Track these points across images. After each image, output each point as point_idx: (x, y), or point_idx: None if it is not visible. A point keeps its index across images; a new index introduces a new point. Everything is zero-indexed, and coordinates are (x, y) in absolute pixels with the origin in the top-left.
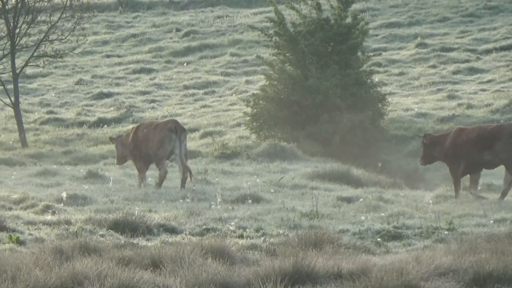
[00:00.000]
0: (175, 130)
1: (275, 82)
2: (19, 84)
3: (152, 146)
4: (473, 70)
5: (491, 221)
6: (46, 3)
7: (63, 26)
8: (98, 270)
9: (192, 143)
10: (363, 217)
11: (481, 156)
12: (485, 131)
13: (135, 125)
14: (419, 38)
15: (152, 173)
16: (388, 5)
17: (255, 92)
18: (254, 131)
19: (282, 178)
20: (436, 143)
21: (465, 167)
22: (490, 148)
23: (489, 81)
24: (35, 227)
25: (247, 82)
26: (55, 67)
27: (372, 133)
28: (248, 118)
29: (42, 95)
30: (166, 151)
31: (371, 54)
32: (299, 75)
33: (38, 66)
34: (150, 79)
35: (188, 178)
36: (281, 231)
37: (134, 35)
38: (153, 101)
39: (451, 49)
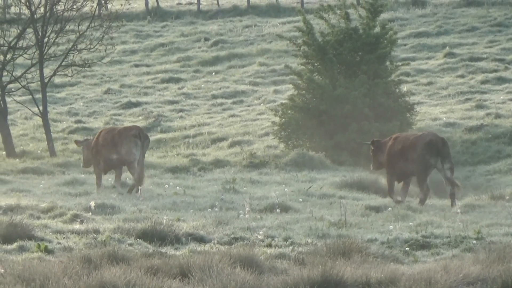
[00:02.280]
0: (139, 136)
1: (304, 91)
2: (48, 94)
3: (120, 151)
4: (501, 80)
5: None
6: (74, 13)
7: (92, 36)
8: (127, 279)
9: (221, 152)
10: (391, 226)
11: (405, 165)
12: (407, 140)
13: (99, 130)
14: (447, 48)
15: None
16: (417, 15)
17: (283, 101)
18: (282, 140)
19: (310, 187)
20: (381, 149)
21: (397, 174)
22: (407, 158)
23: None
24: (64, 236)
25: (276, 91)
26: (84, 77)
27: None
28: (276, 127)
29: (71, 104)
30: (134, 156)
31: (400, 63)
32: (327, 84)
33: (66, 75)
34: (179, 88)
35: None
36: (309, 240)
37: (162, 45)
38: (181, 110)
39: (479, 59)
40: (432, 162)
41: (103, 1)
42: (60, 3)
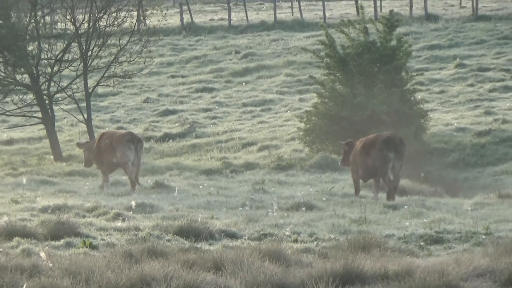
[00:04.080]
0: (132, 140)
1: (326, 99)
2: (91, 102)
3: (115, 154)
4: (507, 88)
5: None
6: (115, 28)
7: (132, 49)
8: (165, 272)
9: (251, 155)
10: (407, 223)
11: (367, 163)
12: (368, 140)
13: (100, 133)
14: (458, 59)
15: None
16: (430, 29)
17: (308, 109)
18: (307, 144)
19: (333, 187)
20: (352, 149)
21: (362, 172)
22: (369, 155)
23: None
24: (107, 233)
25: (301, 100)
26: (124, 87)
27: (415, 146)
28: (301, 132)
29: (113, 112)
30: (127, 158)
31: (414, 73)
32: (348, 93)
33: (108, 85)
34: (212, 97)
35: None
36: (332, 236)
37: (196, 57)
38: (214, 117)
39: (487, 69)
40: (390, 156)
41: (141, 17)
42: (102, 19)
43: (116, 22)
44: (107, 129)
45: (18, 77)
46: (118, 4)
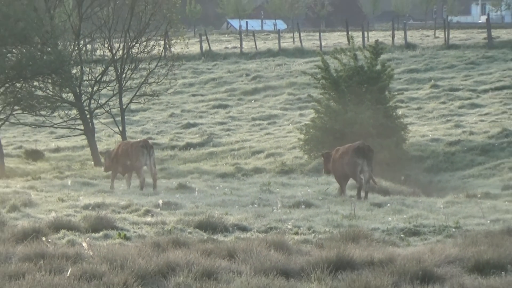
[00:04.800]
0: (146, 146)
1: (322, 115)
2: (125, 117)
3: (131, 159)
4: (474, 105)
5: (488, 221)
6: (145, 54)
7: (159, 72)
8: (187, 259)
9: (259, 161)
10: (390, 218)
11: (342, 167)
12: (344, 148)
13: (118, 142)
14: (432, 81)
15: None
16: (409, 56)
17: (306, 122)
18: (306, 152)
19: (327, 188)
20: (328, 158)
21: (342, 176)
22: (343, 161)
23: (486, 114)
24: (138, 226)
25: (301, 115)
26: (153, 104)
27: (396, 154)
28: (301, 142)
29: (143, 125)
30: (141, 163)
31: (396, 93)
32: (340, 109)
33: (139, 103)
34: (226, 112)
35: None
36: (327, 229)
37: (213, 79)
38: (228, 129)
39: (457, 89)
40: (359, 162)
41: (167, 46)
42: (134, 47)
43: (146, 50)
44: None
45: (64, 95)
46: (148, 35)
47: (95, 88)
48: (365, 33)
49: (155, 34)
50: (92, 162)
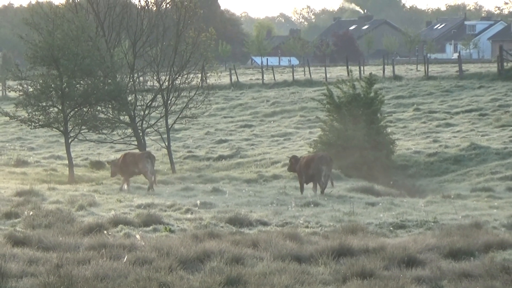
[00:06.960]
0: (149, 157)
1: (327, 132)
2: (170, 135)
3: (138, 166)
4: (448, 125)
5: (460, 217)
6: (186, 85)
7: (197, 99)
8: (219, 248)
9: (277, 170)
10: (381, 215)
11: (308, 172)
12: (309, 157)
13: (122, 153)
14: (415, 105)
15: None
16: (396, 85)
17: (315, 139)
18: None
19: (331, 191)
20: (296, 162)
21: (305, 178)
22: (309, 168)
23: (458, 131)
24: (181, 222)
25: (310, 132)
26: (192, 124)
27: (386, 163)
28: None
29: (184, 141)
30: (146, 168)
31: (386, 115)
32: (342, 128)
33: (181, 123)
34: (251, 131)
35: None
36: (331, 224)
37: (240, 104)
38: (252, 144)
39: (435, 112)
40: (323, 168)
41: (204, 78)
42: (177, 79)
43: (187, 81)
44: (128, 151)
45: (121, 117)
46: (188, 69)
47: (146, 112)
48: (361, 67)
49: (194, 69)
50: None
